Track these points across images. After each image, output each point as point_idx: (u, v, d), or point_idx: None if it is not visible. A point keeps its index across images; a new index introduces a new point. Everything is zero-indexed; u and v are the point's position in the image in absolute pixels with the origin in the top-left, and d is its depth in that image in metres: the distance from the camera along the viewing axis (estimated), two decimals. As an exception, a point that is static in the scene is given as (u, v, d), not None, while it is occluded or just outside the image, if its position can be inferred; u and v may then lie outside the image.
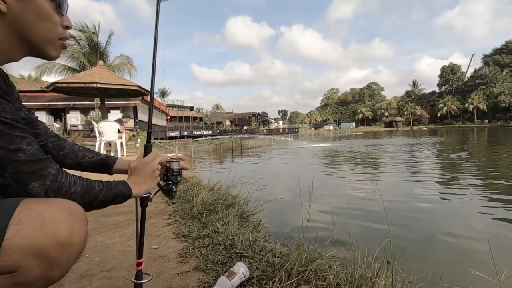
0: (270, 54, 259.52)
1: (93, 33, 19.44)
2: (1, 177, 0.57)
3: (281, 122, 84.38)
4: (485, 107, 69.42)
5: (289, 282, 1.21)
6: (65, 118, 17.21)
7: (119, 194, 0.76)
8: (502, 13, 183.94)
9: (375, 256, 1.35)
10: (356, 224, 4.25)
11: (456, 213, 4.71)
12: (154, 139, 16.39)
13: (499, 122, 65.07)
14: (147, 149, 0.94)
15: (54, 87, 8.14)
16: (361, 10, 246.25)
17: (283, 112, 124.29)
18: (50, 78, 20.09)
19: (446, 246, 3.43)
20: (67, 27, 0.70)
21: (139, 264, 0.97)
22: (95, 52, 19.63)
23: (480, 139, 24.30)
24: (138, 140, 10.16)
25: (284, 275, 1.24)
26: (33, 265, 0.56)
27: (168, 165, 0.97)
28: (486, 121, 69.23)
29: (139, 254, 0.97)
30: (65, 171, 0.67)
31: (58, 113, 18.13)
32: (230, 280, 1.21)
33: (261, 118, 61.55)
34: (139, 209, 0.97)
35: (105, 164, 0.96)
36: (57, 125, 16.05)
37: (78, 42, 19.46)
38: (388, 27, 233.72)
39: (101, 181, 0.73)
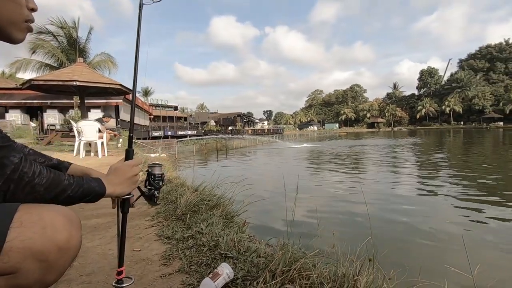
0: (255, 54, 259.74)
1: (72, 27, 18.70)
2: None
3: (266, 122, 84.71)
4: (461, 110, 72.68)
5: (273, 282, 1.21)
6: (42, 117, 16.51)
7: (91, 192, 0.71)
8: (476, 20, 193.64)
9: (357, 254, 1.38)
10: (339, 223, 4.33)
11: (433, 211, 4.90)
12: (137, 139, 16.01)
13: (473, 124, 68.36)
14: (129, 154, 0.91)
15: (30, 85, 7.78)
16: (343, 14, 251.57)
17: (268, 112, 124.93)
18: (26, 75, 19.16)
19: (424, 243, 3.57)
20: (33, 9, 0.69)
21: (119, 273, 0.94)
22: (74, 48, 18.91)
23: (456, 140, 25.39)
24: (120, 140, 9.89)
25: (269, 275, 1.25)
26: (33, 267, 0.57)
27: (150, 170, 0.94)
28: (462, 123, 72.50)
29: (120, 262, 0.94)
30: (30, 160, 0.63)
31: (34, 112, 17.35)
32: (214, 282, 1.21)
33: (246, 119, 61.56)
34: (120, 215, 0.94)
35: (57, 169, 0.91)
36: (33, 124, 15.36)
37: (56, 38, 18.67)
38: (369, 31, 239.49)
39: (72, 175, 0.70)
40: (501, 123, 62.33)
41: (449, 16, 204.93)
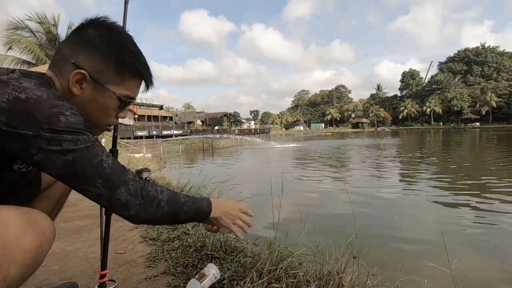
0: (233, 51, 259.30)
1: (53, 25, 18.07)
2: (95, 188, 0.63)
3: (252, 122, 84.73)
4: (440, 111, 75.44)
5: (260, 281, 1.21)
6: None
7: (201, 210, 0.77)
8: (450, 20, 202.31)
9: (342, 252, 1.40)
10: (325, 221, 4.40)
11: (415, 209, 5.06)
12: (121, 138, 15.63)
13: (452, 124, 71.14)
14: (113, 155, 0.90)
15: (6, 82, 7.42)
16: (318, 10, 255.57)
17: (255, 112, 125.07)
18: (1, 72, 18.24)
19: (406, 239, 3.68)
20: (120, 117, 0.76)
21: (102, 276, 0.91)
22: (53, 44, 18.23)
23: (436, 140, 26.31)
24: (103, 140, 9.63)
25: (256, 274, 1.25)
26: None
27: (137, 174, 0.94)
28: (441, 123, 75.25)
29: (103, 265, 0.92)
30: (148, 180, 0.71)
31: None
32: (200, 283, 1.20)
33: (233, 118, 61.35)
34: (104, 217, 0.92)
35: None
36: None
37: (34, 34, 17.95)
38: (346, 29, 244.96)
39: (185, 194, 0.76)
40: (478, 124, 65.24)
41: (423, 16, 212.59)
